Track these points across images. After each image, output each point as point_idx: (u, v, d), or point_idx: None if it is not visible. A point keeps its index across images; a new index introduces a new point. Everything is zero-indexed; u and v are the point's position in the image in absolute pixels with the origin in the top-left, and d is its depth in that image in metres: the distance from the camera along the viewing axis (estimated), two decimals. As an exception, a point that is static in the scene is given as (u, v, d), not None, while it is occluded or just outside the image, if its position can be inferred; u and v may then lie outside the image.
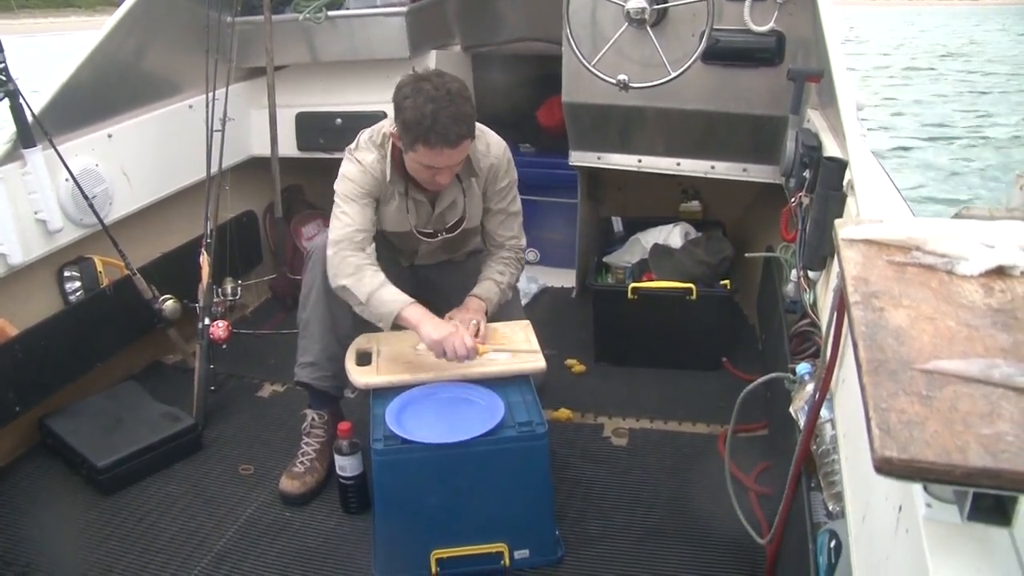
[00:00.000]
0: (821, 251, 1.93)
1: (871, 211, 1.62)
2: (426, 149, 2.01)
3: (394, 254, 2.47)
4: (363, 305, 2.14)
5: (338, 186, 2.22)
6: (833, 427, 1.58)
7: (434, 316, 2.12)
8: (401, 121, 2.03)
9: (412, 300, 2.13)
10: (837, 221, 1.31)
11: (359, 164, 2.20)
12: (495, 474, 1.96)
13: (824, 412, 1.58)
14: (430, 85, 1.99)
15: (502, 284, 2.33)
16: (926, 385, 0.86)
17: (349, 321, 2.25)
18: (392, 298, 2.12)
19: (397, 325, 2.14)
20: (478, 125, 2.22)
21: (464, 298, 2.30)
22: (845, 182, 1.86)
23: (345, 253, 2.15)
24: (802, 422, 1.66)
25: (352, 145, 2.25)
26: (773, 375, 1.94)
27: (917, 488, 0.90)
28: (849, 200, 1.81)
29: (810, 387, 1.72)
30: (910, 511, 0.92)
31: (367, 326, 2.23)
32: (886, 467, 0.76)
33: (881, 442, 0.77)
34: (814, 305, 2.06)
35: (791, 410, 1.76)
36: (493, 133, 2.29)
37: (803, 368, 1.82)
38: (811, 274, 2.05)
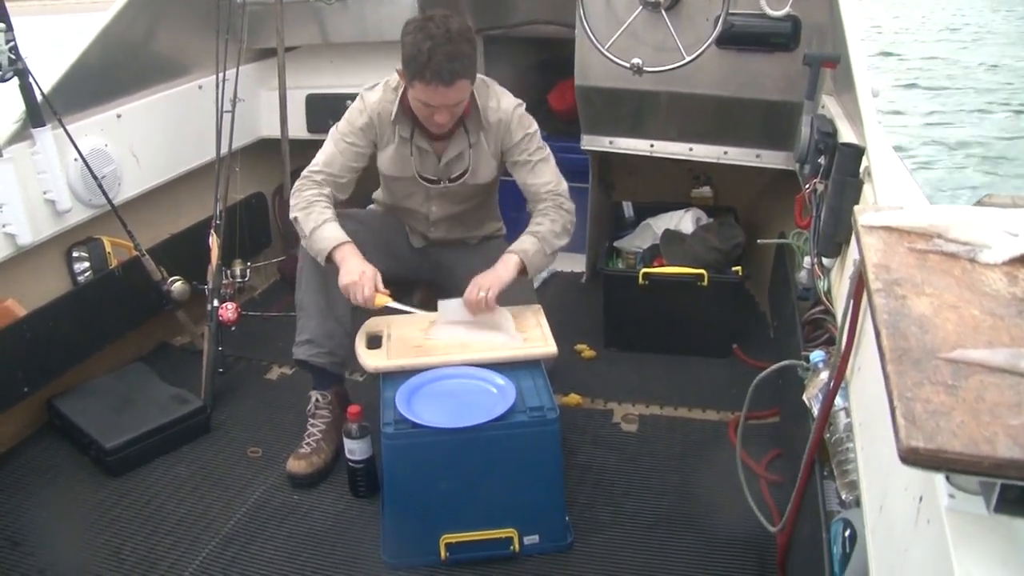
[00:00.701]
0: (836, 238, 1.91)
1: (888, 198, 1.59)
2: (422, 85, 2.05)
3: (406, 231, 2.48)
4: (307, 238, 2.21)
5: (337, 123, 2.31)
6: (847, 415, 1.56)
7: (358, 260, 2.15)
8: (402, 57, 2.08)
9: (348, 240, 2.18)
10: (856, 208, 1.29)
11: (361, 102, 2.28)
12: (506, 459, 1.95)
13: (838, 400, 1.57)
14: (433, 24, 2.04)
15: (539, 233, 2.27)
16: (951, 374, 0.85)
17: (345, 298, 2.24)
18: (331, 235, 2.18)
19: (331, 262, 2.18)
20: (493, 84, 2.27)
21: None
22: (862, 169, 1.83)
23: (303, 188, 2.26)
24: (815, 410, 1.65)
25: (370, 84, 2.30)
26: (787, 362, 1.92)
27: (939, 478, 0.89)
28: (866, 187, 1.79)
29: (824, 375, 1.70)
30: (931, 501, 0.91)
31: None
32: (912, 457, 0.75)
33: (907, 432, 0.76)
34: (828, 292, 2.04)
35: (804, 398, 1.75)
36: (508, 93, 2.30)
37: (817, 356, 1.80)
38: (825, 261, 2.03)
